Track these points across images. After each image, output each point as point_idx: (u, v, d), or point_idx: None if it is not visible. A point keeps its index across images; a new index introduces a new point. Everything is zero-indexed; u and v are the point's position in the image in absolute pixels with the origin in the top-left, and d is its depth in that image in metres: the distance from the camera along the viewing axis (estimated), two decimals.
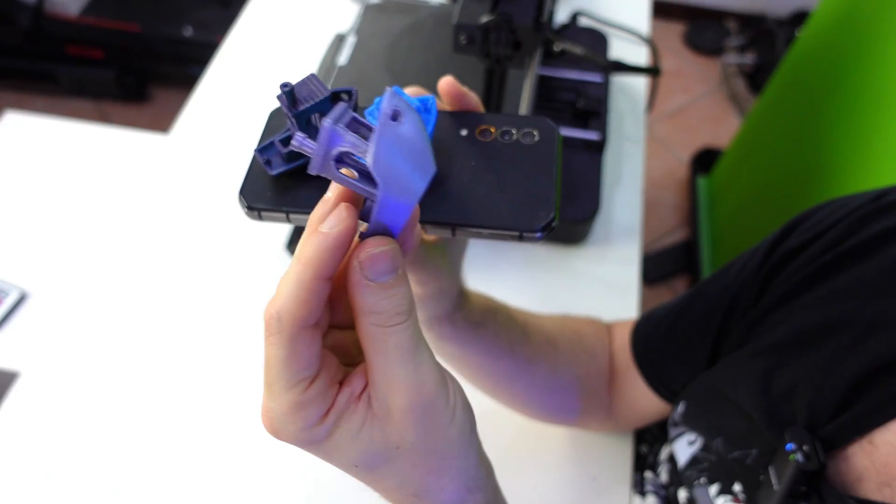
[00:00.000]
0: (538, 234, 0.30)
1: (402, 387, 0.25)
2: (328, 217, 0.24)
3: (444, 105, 0.36)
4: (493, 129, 0.32)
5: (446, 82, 0.35)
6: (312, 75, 0.30)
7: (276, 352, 0.25)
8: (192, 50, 1.85)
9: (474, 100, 0.35)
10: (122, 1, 1.95)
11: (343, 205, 0.25)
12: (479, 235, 0.30)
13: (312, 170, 0.24)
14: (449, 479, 0.29)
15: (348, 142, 0.24)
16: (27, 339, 0.81)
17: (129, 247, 0.74)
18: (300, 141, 0.25)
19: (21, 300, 0.83)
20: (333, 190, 0.26)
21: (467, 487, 0.29)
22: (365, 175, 0.25)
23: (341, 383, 0.27)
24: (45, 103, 1.96)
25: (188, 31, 1.87)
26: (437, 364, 0.27)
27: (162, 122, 1.78)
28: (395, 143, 0.23)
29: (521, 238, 0.30)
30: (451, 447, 0.28)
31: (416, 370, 0.26)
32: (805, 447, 0.36)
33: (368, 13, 0.87)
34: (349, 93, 0.33)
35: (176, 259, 0.73)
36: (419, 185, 0.24)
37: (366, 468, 0.27)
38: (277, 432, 0.26)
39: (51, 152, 1.01)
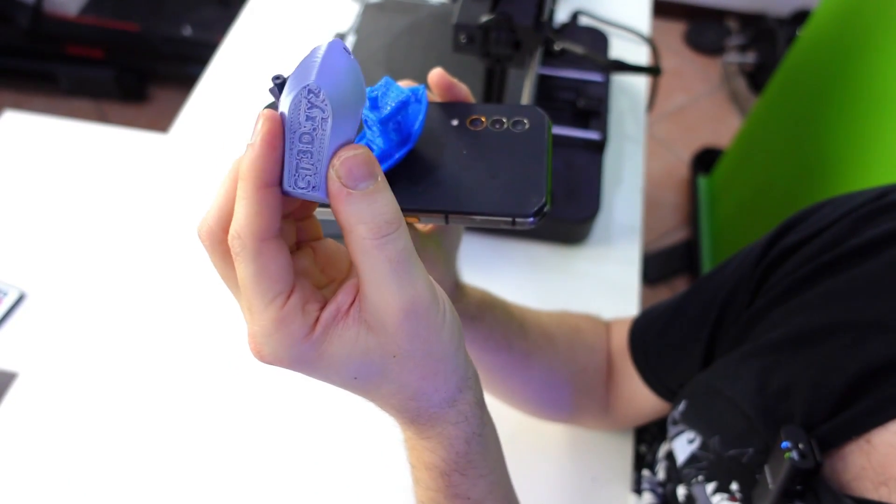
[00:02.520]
0: (530, 220, 0.30)
1: (396, 300, 0.25)
2: (253, 128, 0.25)
3: (435, 96, 0.36)
4: (483, 119, 0.32)
5: (436, 73, 0.35)
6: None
7: (244, 270, 0.25)
8: (192, 50, 1.85)
9: (464, 91, 0.35)
10: (121, 0, 1.94)
11: (262, 113, 0.25)
12: (472, 222, 0.30)
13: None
14: (443, 379, 0.29)
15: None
16: (26, 339, 0.80)
17: (128, 247, 0.74)
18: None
19: (20, 300, 0.83)
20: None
21: (458, 386, 0.30)
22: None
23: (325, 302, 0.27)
24: (44, 103, 1.96)
25: (188, 31, 1.87)
26: (427, 273, 0.27)
27: (161, 122, 1.78)
28: (337, 67, 0.26)
29: (513, 224, 0.30)
30: (443, 349, 0.28)
31: (411, 283, 0.26)
32: (801, 445, 0.35)
33: (368, 12, 0.86)
34: None
35: (175, 259, 0.73)
36: (357, 113, 0.26)
37: (364, 379, 0.28)
38: (265, 355, 0.26)
39: (50, 152, 1.01)
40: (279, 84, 0.29)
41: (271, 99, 0.33)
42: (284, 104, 0.25)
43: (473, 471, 0.33)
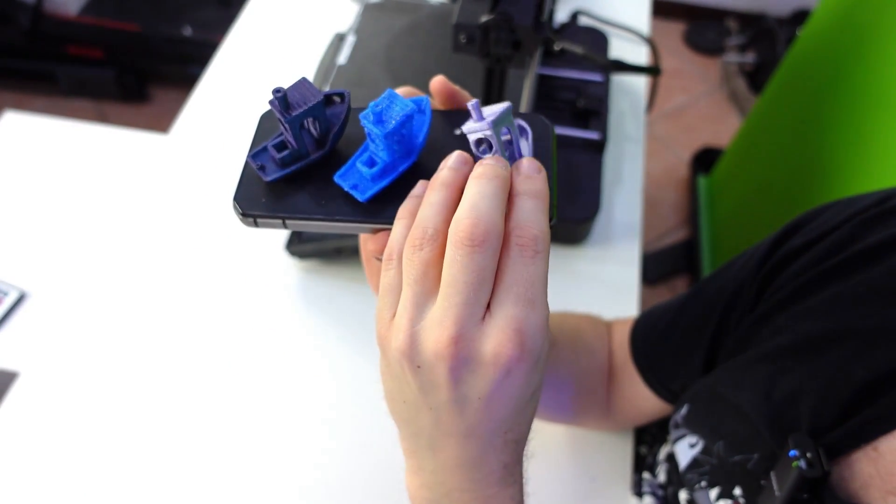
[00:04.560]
0: None
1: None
2: (530, 165, 0.30)
3: (437, 104, 0.36)
4: None
5: (438, 81, 0.35)
6: (304, 79, 0.30)
7: (543, 267, 0.28)
8: (192, 50, 1.85)
9: (466, 98, 0.35)
10: (121, 0, 1.94)
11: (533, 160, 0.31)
12: None
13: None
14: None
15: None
16: (27, 339, 0.80)
17: (129, 247, 0.74)
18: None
19: (20, 300, 0.83)
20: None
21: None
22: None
23: None
24: (44, 103, 1.96)
25: (188, 31, 1.87)
26: None
27: (161, 122, 1.78)
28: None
29: None
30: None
31: None
32: (808, 454, 0.35)
33: (368, 13, 0.87)
34: (342, 95, 0.33)
35: (175, 259, 0.73)
36: None
37: (538, 389, 0.31)
38: (532, 350, 0.28)
39: (50, 152, 1.01)
40: (279, 97, 0.29)
41: (271, 100, 0.33)
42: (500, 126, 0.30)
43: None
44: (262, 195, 0.31)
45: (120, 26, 1.88)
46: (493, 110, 0.30)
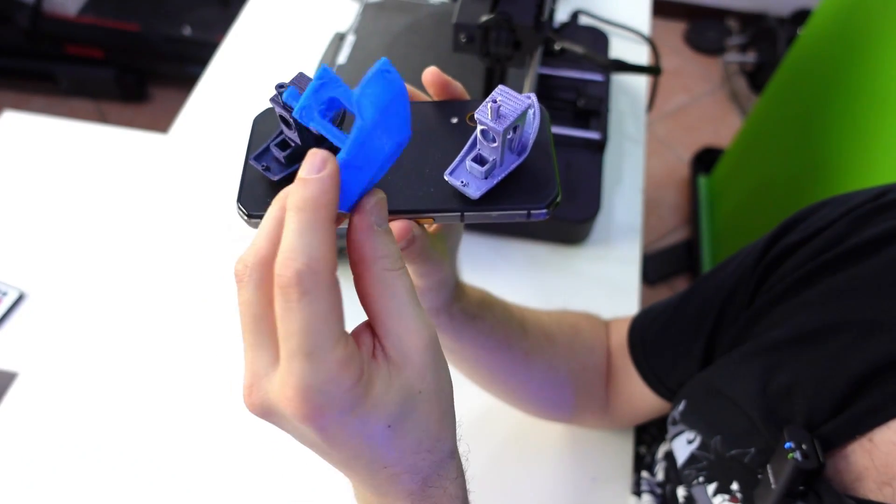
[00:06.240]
0: (544, 212, 0.30)
1: (416, 326, 0.26)
2: (311, 164, 0.24)
3: (431, 96, 0.36)
4: None
5: (430, 73, 0.35)
6: (302, 73, 0.30)
7: (317, 308, 0.23)
8: (192, 49, 1.85)
9: (459, 89, 0.35)
10: (121, 0, 1.94)
11: (318, 150, 0.24)
12: (488, 218, 0.30)
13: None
14: (448, 424, 0.29)
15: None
16: (26, 339, 0.80)
17: (128, 247, 0.74)
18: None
19: (19, 300, 0.83)
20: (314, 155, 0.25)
21: (455, 433, 0.30)
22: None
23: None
24: (43, 103, 1.96)
25: (188, 31, 1.87)
26: None
27: (161, 122, 1.77)
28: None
29: (528, 216, 0.30)
30: (449, 387, 0.29)
31: (422, 310, 0.27)
32: (804, 446, 0.35)
33: (368, 12, 0.86)
34: None
35: (175, 259, 0.73)
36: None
37: (396, 426, 0.26)
38: (317, 405, 0.24)
39: (50, 152, 1.01)
40: (282, 92, 0.28)
41: (273, 96, 0.33)
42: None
43: None
44: (265, 195, 0.31)
45: (120, 26, 1.88)
46: (511, 108, 0.29)
